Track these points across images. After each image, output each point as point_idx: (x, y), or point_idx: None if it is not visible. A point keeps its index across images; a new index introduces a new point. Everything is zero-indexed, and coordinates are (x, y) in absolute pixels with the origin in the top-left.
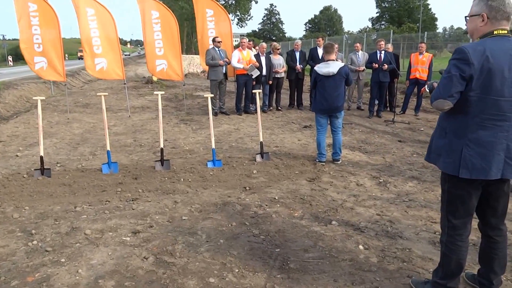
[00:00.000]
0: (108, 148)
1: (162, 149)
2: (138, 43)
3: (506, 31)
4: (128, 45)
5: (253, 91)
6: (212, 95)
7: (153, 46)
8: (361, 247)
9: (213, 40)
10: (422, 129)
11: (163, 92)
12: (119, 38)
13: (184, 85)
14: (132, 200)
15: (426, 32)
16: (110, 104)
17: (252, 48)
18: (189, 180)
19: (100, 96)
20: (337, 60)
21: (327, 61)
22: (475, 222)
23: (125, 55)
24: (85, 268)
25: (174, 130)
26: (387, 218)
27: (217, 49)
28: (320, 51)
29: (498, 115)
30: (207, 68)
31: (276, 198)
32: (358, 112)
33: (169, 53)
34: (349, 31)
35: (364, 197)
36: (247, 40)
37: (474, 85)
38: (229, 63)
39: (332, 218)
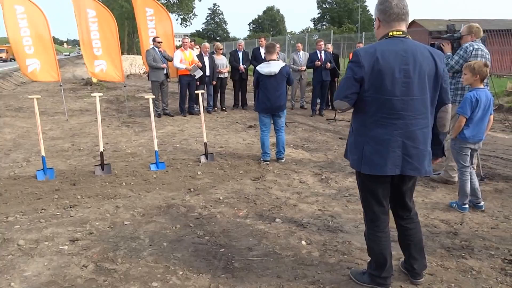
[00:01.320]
0: (43, 154)
1: (102, 153)
2: (75, 43)
3: (401, 32)
4: (65, 45)
5: (196, 91)
6: (154, 96)
7: (91, 46)
8: (303, 242)
9: (153, 40)
10: None
11: (101, 94)
12: (54, 38)
13: (125, 86)
14: (70, 207)
15: (364, 33)
16: (45, 107)
17: (194, 48)
18: (132, 183)
19: (32, 99)
20: (278, 60)
21: (268, 61)
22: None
23: (65, 55)
24: (18, 281)
25: (115, 133)
26: (328, 213)
27: (157, 49)
28: (263, 51)
29: (392, 114)
30: (148, 68)
31: (221, 198)
32: (301, 111)
33: (108, 53)
34: (291, 31)
35: (307, 193)
36: (189, 40)
37: (366, 86)
38: (168, 65)
39: (276, 216)
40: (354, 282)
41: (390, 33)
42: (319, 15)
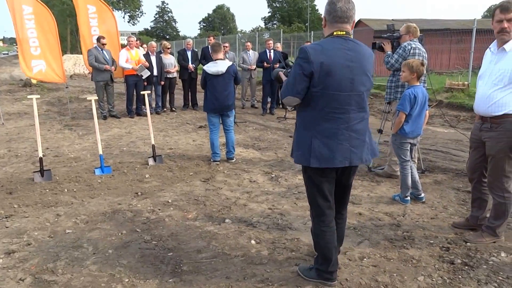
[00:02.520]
0: None
1: (41, 158)
2: (13, 41)
3: (344, 32)
4: (1, 43)
5: (142, 92)
6: (97, 98)
7: (28, 44)
8: (253, 241)
9: (98, 40)
10: None
11: (38, 96)
12: None
13: (67, 87)
14: (6, 217)
15: (313, 32)
16: None
17: (140, 47)
18: (74, 190)
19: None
20: (225, 59)
21: (215, 60)
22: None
23: (3, 54)
24: None
25: (57, 137)
26: (278, 211)
27: (100, 49)
28: None
29: (339, 108)
30: (91, 68)
31: (170, 201)
32: (252, 110)
33: (47, 52)
34: (242, 30)
35: (257, 193)
36: (135, 38)
37: (315, 81)
38: (115, 69)
39: (226, 217)
40: (302, 278)
41: (335, 32)
42: (270, 14)
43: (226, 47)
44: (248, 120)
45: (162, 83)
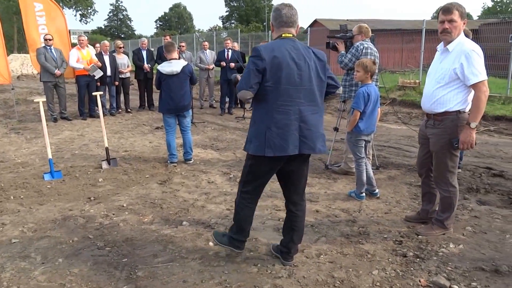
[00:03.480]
0: None
1: None
2: None
3: (291, 35)
4: None
5: (93, 93)
6: (45, 100)
7: None
8: (211, 243)
9: (44, 39)
10: None
11: None
12: None
13: (13, 89)
14: None
15: (270, 32)
16: None
17: (89, 46)
18: (21, 197)
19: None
20: (180, 59)
21: (169, 60)
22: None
23: None
24: None
25: (2, 141)
26: None
27: (49, 48)
28: None
29: (289, 101)
30: (39, 68)
31: (125, 205)
32: (210, 110)
33: None
34: (199, 29)
35: (215, 194)
36: (86, 37)
37: (267, 76)
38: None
39: (183, 219)
40: (214, 242)
41: (283, 35)
42: (227, 13)
43: (183, 46)
44: (206, 120)
45: (117, 83)
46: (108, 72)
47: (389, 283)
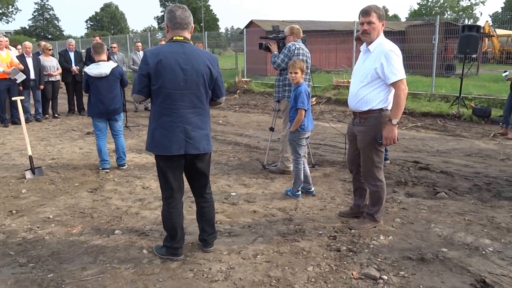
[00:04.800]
0: None
1: None
2: None
3: (182, 38)
4: None
5: (13, 98)
6: None
7: None
8: (145, 251)
9: None
10: None
11: None
12: None
13: None
14: None
15: (206, 32)
16: None
17: (10, 47)
18: None
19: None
20: (109, 61)
21: (98, 61)
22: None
23: None
24: None
25: None
26: None
27: None
28: None
29: (174, 105)
30: None
31: (51, 217)
32: (145, 113)
33: None
34: (133, 29)
35: (150, 199)
36: (5, 38)
37: (153, 80)
38: None
39: (116, 228)
40: (155, 255)
41: (174, 38)
42: (163, 13)
43: (114, 47)
44: (141, 123)
45: (42, 87)
46: (32, 76)
47: (324, 278)
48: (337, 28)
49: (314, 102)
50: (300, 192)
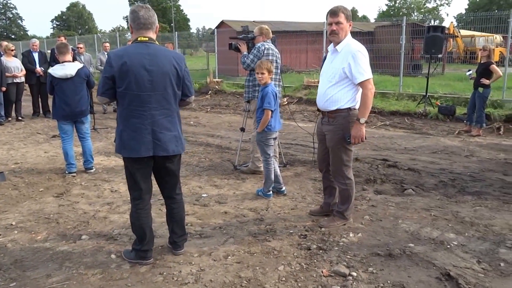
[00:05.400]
0: None
1: None
2: None
3: (147, 38)
4: None
5: None
6: None
7: None
8: (113, 256)
9: None
10: None
11: None
12: None
13: None
14: None
15: (176, 32)
16: None
17: None
18: None
19: None
20: (75, 61)
21: (62, 62)
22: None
23: None
24: None
25: None
26: None
27: None
28: None
29: (142, 106)
30: None
31: (14, 223)
32: (114, 115)
33: None
34: (101, 30)
35: (119, 203)
36: None
37: (118, 83)
38: None
39: (83, 233)
40: (124, 260)
41: (139, 38)
42: None
43: (81, 48)
44: (110, 125)
45: (4, 89)
46: None
47: (294, 277)
48: (308, 29)
49: (286, 102)
50: (271, 192)
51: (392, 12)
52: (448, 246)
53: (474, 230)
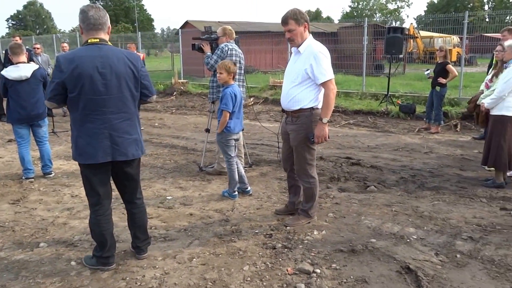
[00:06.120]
0: None
1: None
2: None
3: (98, 40)
4: None
5: None
6: None
7: None
8: (73, 263)
9: None
10: (143, 128)
11: None
12: None
13: None
14: None
15: (140, 32)
16: None
17: None
18: None
19: None
20: (30, 62)
21: (17, 63)
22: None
23: None
24: None
25: None
26: None
27: None
28: None
29: (96, 110)
30: None
31: None
32: None
33: None
34: (61, 30)
35: (79, 208)
36: None
37: (70, 88)
38: None
39: (41, 240)
40: (85, 266)
41: (89, 40)
42: None
43: (38, 48)
44: (69, 128)
45: None
46: None
47: (259, 277)
48: (273, 29)
49: (252, 103)
50: (236, 193)
51: (355, 14)
52: (408, 240)
53: (432, 224)
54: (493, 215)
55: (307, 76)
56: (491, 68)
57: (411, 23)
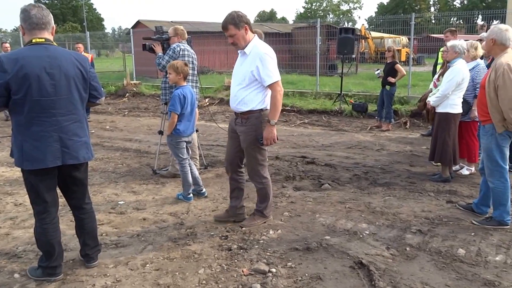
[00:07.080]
0: None
1: None
2: None
3: (43, 39)
4: None
5: None
6: None
7: None
8: (17, 275)
9: None
10: (93, 131)
11: None
12: None
13: None
14: None
15: (89, 32)
16: None
17: None
18: None
19: None
20: None
21: None
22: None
23: None
24: None
25: None
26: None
27: None
28: None
29: (44, 112)
30: None
31: None
32: None
33: None
34: (2, 29)
35: (24, 217)
36: None
37: (14, 89)
38: None
39: None
40: (30, 278)
41: (33, 40)
42: None
43: None
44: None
45: None
46: None
47: (215, 279)
48: None
49: (207, 104)
50: (191, 195)
51: (309, 14)
52: (361, 236)
53: (384, 219)
54: (440, 208)
55: (254, 78)
56: (440, 67)
57: (363, 24)
